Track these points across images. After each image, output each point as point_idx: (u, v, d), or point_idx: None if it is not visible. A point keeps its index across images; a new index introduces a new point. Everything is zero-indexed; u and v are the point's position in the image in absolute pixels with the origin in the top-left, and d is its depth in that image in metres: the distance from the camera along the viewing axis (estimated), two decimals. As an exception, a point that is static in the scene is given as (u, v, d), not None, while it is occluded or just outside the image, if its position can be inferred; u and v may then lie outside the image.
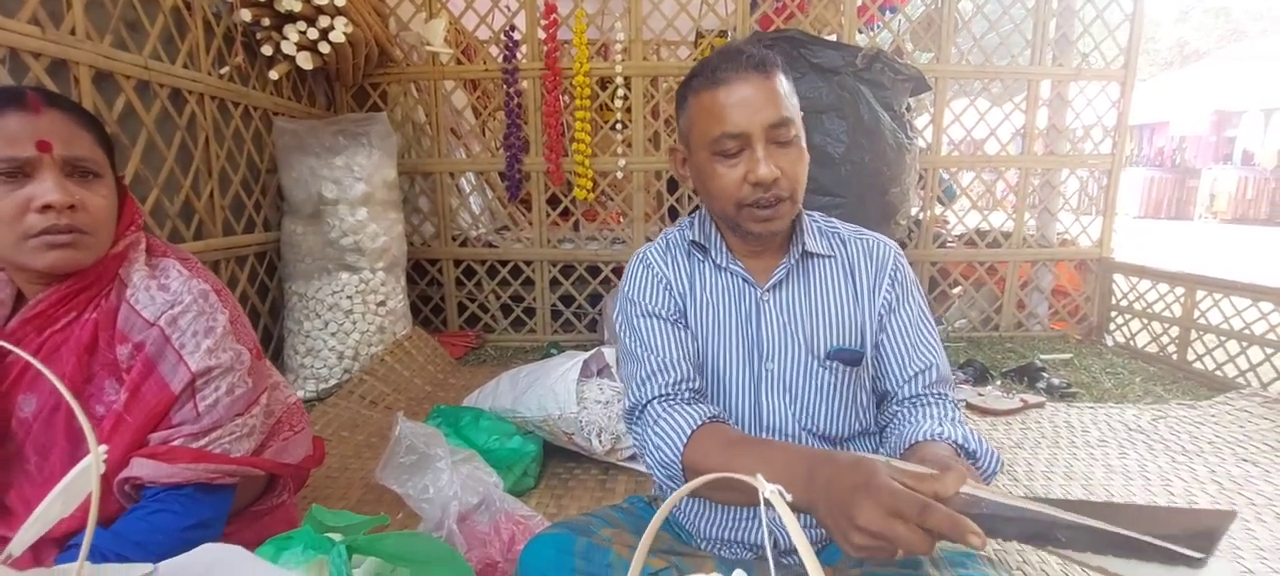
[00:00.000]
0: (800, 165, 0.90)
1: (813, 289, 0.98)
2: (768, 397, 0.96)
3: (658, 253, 1.03)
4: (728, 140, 0.86)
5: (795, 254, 0.97)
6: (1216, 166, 11.86)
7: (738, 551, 1.03)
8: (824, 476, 0.64)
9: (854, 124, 2.39)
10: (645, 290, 0.99)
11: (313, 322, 2.55)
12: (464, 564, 1.07)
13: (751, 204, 0.88)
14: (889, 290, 0.97)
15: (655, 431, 0.87)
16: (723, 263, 0.99)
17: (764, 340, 0.96)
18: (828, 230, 1.03)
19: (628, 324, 0.99)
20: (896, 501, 0.55)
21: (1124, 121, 3.27)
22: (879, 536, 0.56)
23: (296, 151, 2.51)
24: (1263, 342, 2.57)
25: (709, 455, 0.81)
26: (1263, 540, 1.56)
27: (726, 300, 0.98)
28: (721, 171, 0.89)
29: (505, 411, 1.91)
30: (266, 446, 1.19)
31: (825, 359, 0.95)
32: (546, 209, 3.25)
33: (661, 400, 0.89)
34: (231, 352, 1.08)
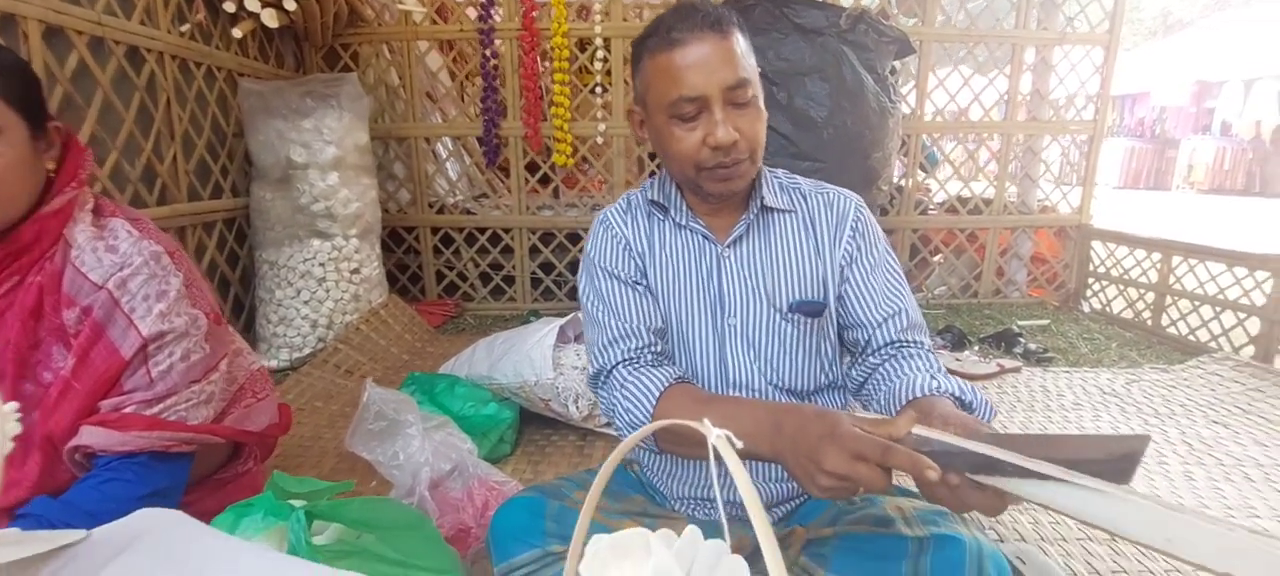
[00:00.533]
0: (759, 125, 0.89)
1: (773, 243, 0.97)
2: (732, 353, 0.95)
3: (618, 213, 1.02)
4: (685, 104, 0.85)
5: (754, 209, 0.96)
6: (1195, 137, 11.96)
7: (711, 510, 1.02)
8: (791, 427, 0.69)
9: (837, 87, 2.35)
10: (605, 251, 0.98)
11: (284, 291, 2.49)
12: (432, 528, 1.06)
13: (711, 167, 0.87)
14: (851, 241, 0.96)
15: (623, 394, 0.86)
16: (683, 221, 0.97)
17: (726, 295, 0.95)
18: (789, 185, 1.01)
19: (590, 285, 0.98)
20: (860, 445, 0.62)
21: (1107, 87, 3.26)
22: (844, 478, 0.62)
23: (263, 114, 2.43)
24: (1235, 307, 2.61)
25: (679, 414, 0.79)
26: (1231, 499, 1.59)
27: (687, 258, 0.97)
28: (679, 135, 0.87)
29: (481, 378, 1.88)
30: (228, 413, 1.15)
31: (787, 311, 0.94)
32: (525, 175, 3.19)
33: (626, 364, 0.89)
34: (186, 317, 1.04)
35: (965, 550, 0.79)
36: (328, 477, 1.68)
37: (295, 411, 2.08)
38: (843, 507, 0.96)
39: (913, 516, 0.87)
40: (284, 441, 1.88)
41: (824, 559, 0.89)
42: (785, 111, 2.37)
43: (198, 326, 1.05)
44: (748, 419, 0.75)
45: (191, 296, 1.07)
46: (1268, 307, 2.48)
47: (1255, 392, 2.23)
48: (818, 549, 0.91)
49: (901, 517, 0.87)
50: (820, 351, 0.98)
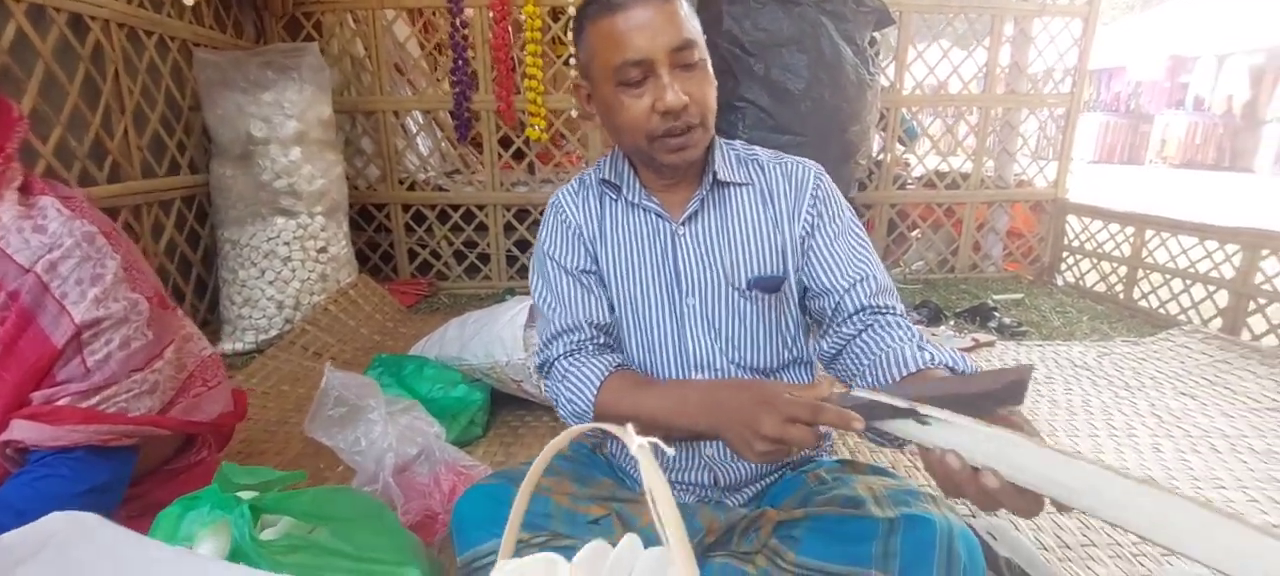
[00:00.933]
0: (708, 88, 0.86)
1: (729, 218, 0.94)
2: (692, 334, 0.93)
3: (569, 195, 0.98)
4: (630, 68, 0.81)
5: (707, 183, 0.92)
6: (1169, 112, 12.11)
7: (679, 492, 1.00)
8: (728, 399, 0.73)
9: (815, 58, 2.30)
10: (555, 239, 0.96)
11: (248, 271, 2.41)
12: (392, 518, 1.02)
13: (662, 135, 0.84)
14: (811, 209, 0.93)
15: (565, 386, 0.88)
16: (635, 199, 0.94)
17: (682, 275, 0.92)
18: (747, 157, 0.98)
19: (540, 275, 0.97)
20: (793, 409, 0.66)
21: (1085, 59, 3.25)
22: (778, 440, 0.67)
23: (221, 87, 2.32)
24: (1205, 280, 2.64)
25: (619, 400, 0.83)
26: (1197, 470, 1.61)
27: (641, 238, 0.94)
28: (627, 103, 0.83)
29: (452, 359, 1.83)
30: (175, 403, 1.10)
31: (746, 288, 0.92)
32: (499, 150, 3.11)
33: (568, 356, 0.90)
34: (124, 302, 0.97)
35: (936, 530, 0.78)
36: (292, 464, 1.63)
37: (260, 395, 2.02)
38: (813, 488, 0.94)
39: (883, 496, 0.86)
40: (248, 426, 1.83)
41: (794, 540, 0.88)
42: (762, 83, 2.32)
43: (138, 311, 0.99)
44: (685, 398, 0.78)
45: (131, 279, 1.01)
46: (1235, 280, 2.51)
47: (1222, 364, 2.26)
48: (788, 530, 0.90)
49: (872, 498, 0.86)
50: (781, 327, 0.96)
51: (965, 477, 0.57)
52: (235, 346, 2.38)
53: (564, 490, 0.96)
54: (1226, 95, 10.97)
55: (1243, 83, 10.73)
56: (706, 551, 0.92)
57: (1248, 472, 1.59)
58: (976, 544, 0.80)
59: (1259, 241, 2.43)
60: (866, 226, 3.36)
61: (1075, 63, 3.27)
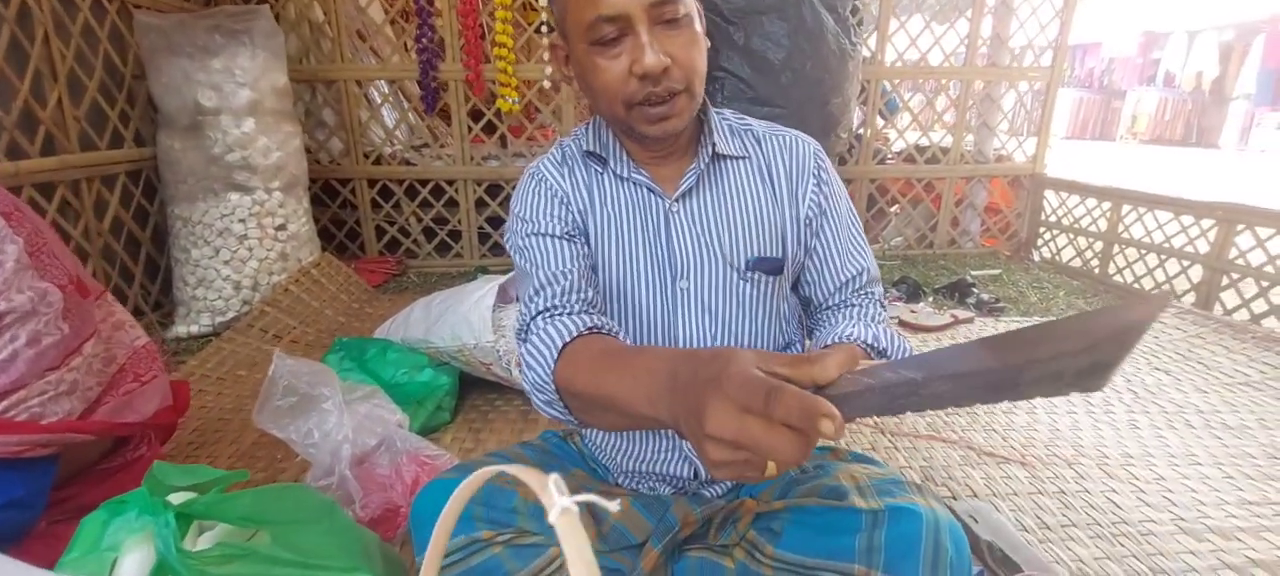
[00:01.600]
0: (695, 50, 0.76)
1: (727, 194, 0.86)
2: (684, 319, 0.86)
3: (552, 165, 0.88)
4: (604, 25, 0.72)
5: (705, 157, 0.85)
6: (1141, 88, 12.27)
7: (656, 484, 0.95)
8: (684, 378, 0.50)
9: (795, 26, 2.22)
10: (537, 207, 0.85)
11: (201, 250, 2.28)
12: (343, 517, 0.95)
13: (641, 102, 0.75)
14: (816, 192, 0.87)
15: (529, 350, 0.73)
16: (624, 172, 0.85)
17: (677, 255, 0.85)
18: (740, 128, 0.91)
19: (517, 244, 0.86)
20: (745, 392, 0.43)
21: (1066, 31, 3.21)
22: (735, 442, 0.43)
23: (165, 52, 2.17)
24: (1180, 255, 2.65)
25: (577, 374, 0.67)
26: (1173, 446, 1.60)
27: (632, 214, 0.86)
28: (602, 65, 0.74)
29: (417, 342, 1.75)
30: (103, 401, 1.01)
31: (745, 270, 0.85)
32: (468, 122, 2.99)
33: (546, 314, 0.76)
34: (30, 293, 0.87)
35: (922, 523, 0.74)
36: (246, 456, 1.55)
37: (215, 382, 1.93)
38: (794, 476, 0.90)
39: (867, 486, 0.82)
40: (201, 415, 1.73)
41: (774, 534, 0.83)
42: (742, 53, 2.24)
43: (48, 303, 0.90)
44: (645, 375, 0.57)
45: (39, 265, 0.91)
46: (1210, 255, 2.52)
47: (1196, 339, 2.27)
48: (768, 523, 0.85)
49: (856, 488, 0.82)
50: (779, 310, 0.90)
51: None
52: (189, 330, 2.26)
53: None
54: (1196, 72, 11.13)
55: (1212, 59, 10.90)
56: (682, 544, 0.87)
57: (1222, 449, 1.59)
58: (964, 536, 0.76)
59: (1235, 216, 2.44)
60: (846, 202, 3.34)
61: (1056, 35, 3.23)
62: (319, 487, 1.17)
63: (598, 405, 0.64)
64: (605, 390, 0.62)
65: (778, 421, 0.41)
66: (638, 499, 0.90)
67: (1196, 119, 11.54)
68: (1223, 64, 10.92)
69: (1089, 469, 1.49)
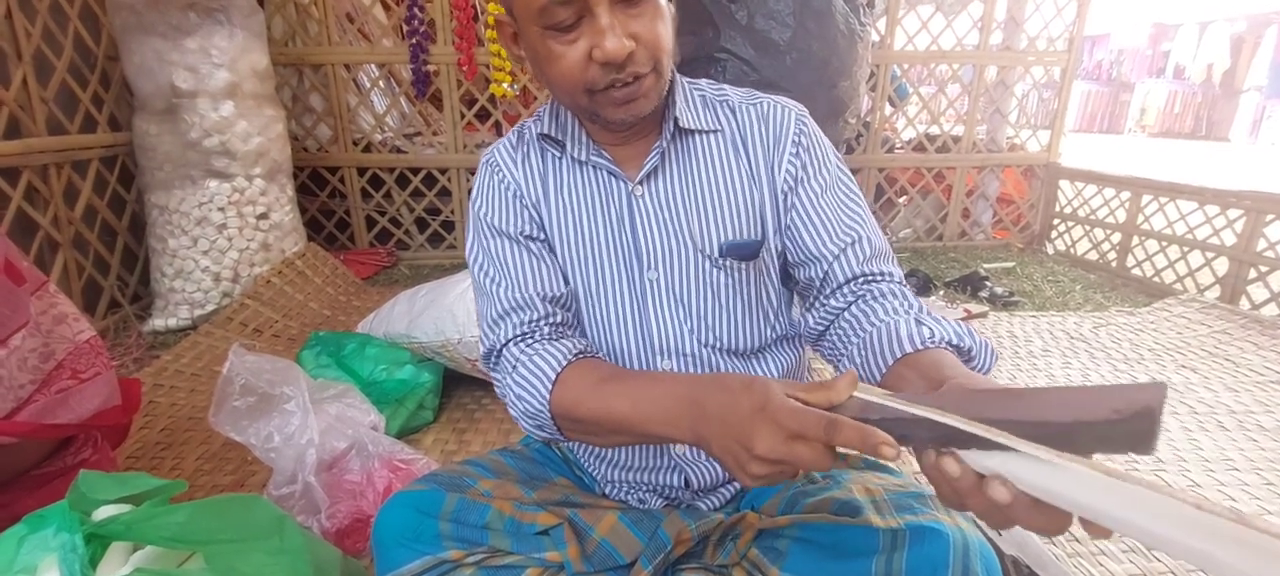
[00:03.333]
0: (659, 25, 0.65)
1: (695, 173, 0.76)
2: (656, 313, 0.77)
3: (506, 150, 0.79)
4: (558, 8, 0.61)
5: (667, 133, 0.74)
6: (1150, 80, 12.09)
7: (646, 496, 0.86)
8: (716, 405, 0.56)
9: (801, 5, 2.10)
10: (492, 202, 0.77)
11: (179, 240, 2.18)
12: (295, 535, 0.84)
13: (605, 88, 0.65)
14: (794, 158, 0.76)
15: (515, 379, 0.70)
16: (583, 155, 0.76)
17: (642, 244, 0.76)
18: (715, 98, 0.80)
19: (477, 244, 0.78)
20: (799, 422, 0.50)
21: (1082, 17, 3.09)
22: (780, 461, 0.51)
23: (138, 31, 2.06)
24: (1204, 247, 2.53)
25: (581, 400, 0.66)
26: (1207, 449, 1.50)
27: (592, 201, 0.76)
28: (558, 51, 0.64)
29: (400, 337, 1.65)
30: (33, 399, 0.90)
31: (718, 257, 0.75)
32: (461, 109, 2.88)
33: (519, 342, 0.72)
34: (-55, 274, 0.77)
35: (949, 545, 0.63)
36: (215, 458, 1.46)
37: (189, 378, 1.83)
38: (800, 487, 0.80)
39: (884, 501, 0.72)
40: (172, 413, 1.64)
41: (778, 553, 0.74)
42: (744, 33, 2.12)
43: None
44: (662, 399, 0.61)
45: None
46: (1237, 247, 2.40)
47: (1222, 335, 2.16)
48: (771, 540, 0.76)
49: (871, 502, 0.72)
50: (762, 299, 0.80)
51: (969, 486, 0.44)
52: (167, 322, 2.17)
53: (508, 494, 0.80)
54: (1207, 64, 10.96)
55: (1223, 51, 10.73)
56: (675, 565, 0.77)
57: (1259, 452, 1.49)
58: (996, 561, 0.65)
59: (1264, 205, 2.32)
60: (853, 191, 3.23)
61: (1073, 20, 3.10)
62: (280, 497, 1.07)
63: (606, 429, 0.66)
64: (614, 415, 0.64)
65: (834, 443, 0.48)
66: (626, 513, 0.81)
67: (1206, 111, 11.37)
68: (1234, 56, 10.74)
69: (1118, 475, 1.39)
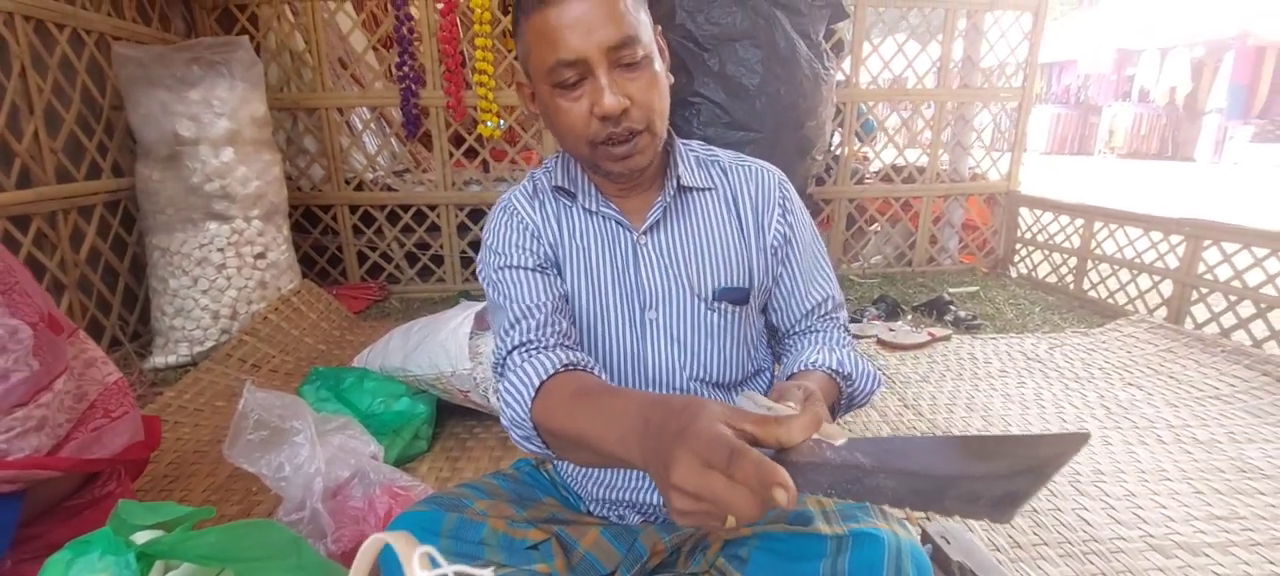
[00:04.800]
0: (654, 91, 0.78)
1: (694, 226, 0.89)
2: (654, 349, 0.88)
3: (523, 198, 0.90)
4: (564, 69, 0.74)
5: (670, 190, 0.87)
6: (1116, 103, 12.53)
7: (626, 512, 0.96)
8: (655, 424, 0.54)
9: (769, 53, 2.26)
10: (509, 240, 0.87)
11: (180, 280, 2.27)
12: (310, 555, 0.94)
13: (603, 141, 0.77)
14: (782, 221, 0.90)
15: (506, 386, 0.75)
16: (593, 206, 0.88)
17: (645, 287, 0.87)
18: (707, 159, 0.93)
19: (490, 277, 0.87)
20: (710, 449, 0.45)
21: (1035, 53, 3.29)
22: (697, 495, 0.45)
23: (143, 84, 2.17)
24: (1150, 270, 2.70)
25: (553, 413, 0.69)
26: (1144, 462, 1.63)
27: (601, 247, 0.88)
28: (565, 106, 0.76)
29: (395, 370, 1.75)
30: (72, 437, 1.00)
31: (712, 300, 0.87)
32: (450, 148, 3.01)
33: (522, 349, 0.78)
34: (1, 329, 0.88)
35: (884, 548, 0.75)
36: (221, 489, 1.54)
37: (192, 413, 1.91)
38: (765, 500, 0.91)
39: (832, 511, 0.84)
40: (177, 447, 1.72)
41: (742, 560, 0.84)
42: (717, 78, 2.28)
43: (18, 340, 0.90)
44: (619, 417, 0.60)
45: (10, 303, 0.91)
46: (1179, 270, 2.57)
47: (1167, 353, 2.31)
48: (735, 549, 0.87)
49: (821, 513, 0.84)
50: (747, 338, 0.92)
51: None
52: (167, 360, 2.25)
53: (501, 513, 0.90)
54: (1169, 87, 11.38)
55: (1184, 75, 11.15)
56: (651, 573, 0.88)
57: (1192, 464, 1.62)
58: (926, 560, 0.77)
59: (1201, 231, 2.49)
60: (825, 222, 3.38)
61: (1026, 57, 3.31)
62: (290, 522, 1.17)
63: (572, 443, 0.67)
64: (579, 428, 0.65)
65: (737, 480, 0.44)
66: (607, 528, 0.91)
67: (1171, 133, 11.78)
68: (1195, 79, 11.18)
69: (1061, 486, 1.51)
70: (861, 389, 0.83)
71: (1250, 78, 10.52)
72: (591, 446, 0.63)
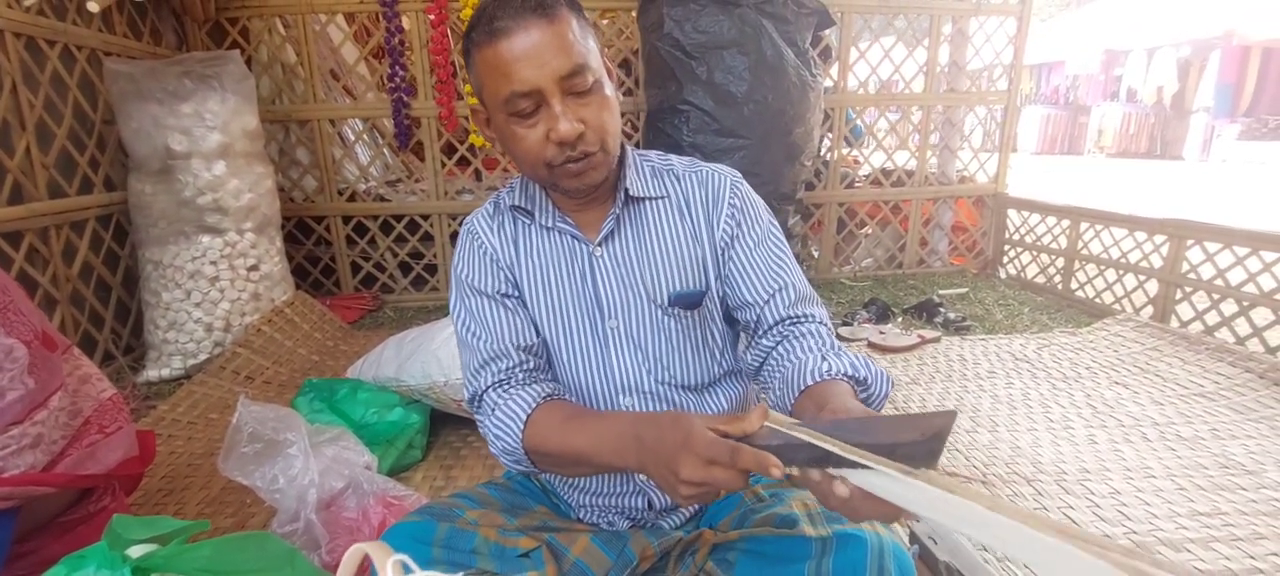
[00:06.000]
0: (606, 114, 0.81)
1: (646, 235, 0.91)
2: (618, 357, 0.90)
3: (484, 219, 0.94)
4: (519, 100, 0.77)
5: (619, 202, 0.89)
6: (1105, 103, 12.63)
7: (614, 518, 0.97)
8: (650, 439, 0.69)
9: (756, 61, 2.29)
10: (472, 265, 0.91)
11: (173, 293, 2.27)
12: (304, 565, 0.95)
13: (561, 163, 0.80)
14: (730, 218, 0.91)
15: (493, 422, 0.83)
16: (550, 222, 0.90)
17: (603, 298, 0.90)
18: (662, 168, 0.95)
19: (460, 303, 0.92)
20: (713, 451, 0.62)
21: (1020, 58, 3.34)
22: (701, 484, 0.63)
23: (135, 98, 2.18)
24: (1136, 270, 2.73)
25: (547, 437, 0.79)
26: (1129, 460, 1.65)
27: (559, 262, 0.91)
28: (521, 133, 0.79)
29: (389, 380, 1.76)
30: (67, 453, 1.01)
31: (668, 305, 0.89)
32: (442, 157, 3.02)
33: (496, 387, 0.85)
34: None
35: (867, 549, 0.76)
36: (215, 501, 1.55)
37: (185, 426, 1.92)
38: (750, 505, 0.93)
39: (817, 514, 0.85)
40: (171, 460, 1.73)
41: (729, 564, 0.86)
42: (705, 87, 2.31)
43: (14, 359, 0.91)
44: (610, 436, 0.74)
45: (5, 322, 0.92)
46: (1164, 270, 2.61)
47: (1153, 352, 2.34)
48: (723, 553, 0.88)
49: (806, 516, 0.85)
50: (707, 341, 0.94)
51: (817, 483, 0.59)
52: (160, 373, 2.25)
53: (492, 522, 0.92)
54: (1156, 87, 11.49)
55: (1171, 74, 11.26)
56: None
57: (1176, 460, 1.64)
58: (909, 560, 0.79)
59: (1184, 231, 2.53)
60: (816, 226, 3.41)
61: (1011, 61, 3.35)
62: (284, 533, 1.18)
63: (568, 461, 0.80)
64: (576, 448, 0.77)
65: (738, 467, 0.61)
66: (597, 534, 0.93)
67: (1159, 132, 11.88)
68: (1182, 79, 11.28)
69: (1047, 486, 1.54)
70: (877, 393, 0.82)
71: (1236, 77, 10.63)
72: (588, 461, 0.77)
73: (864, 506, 0.56)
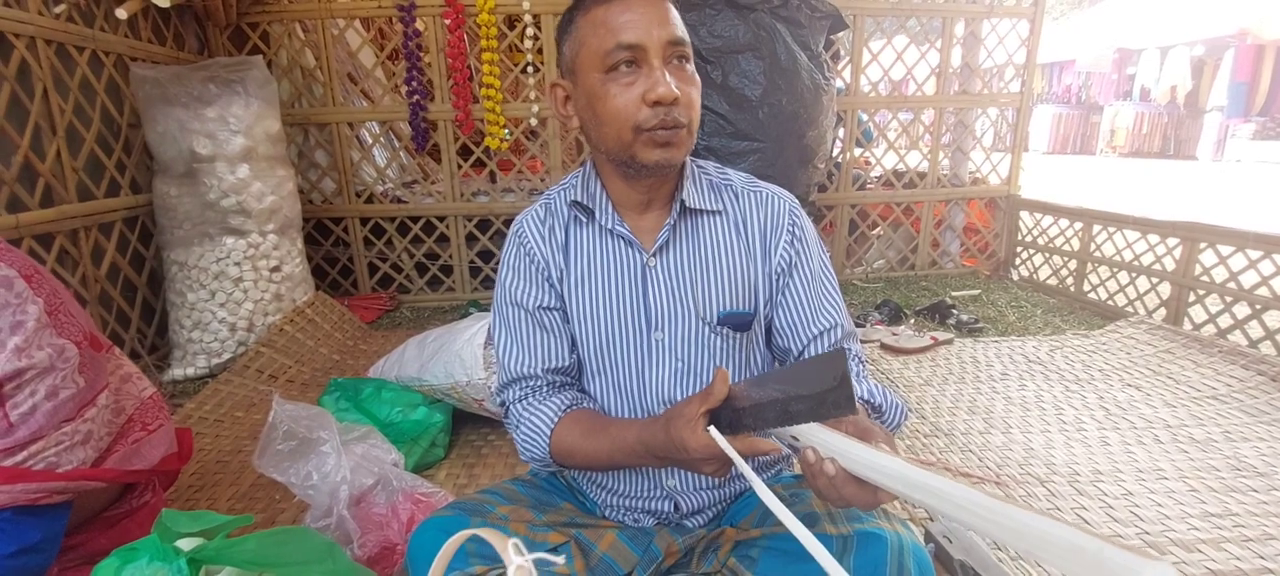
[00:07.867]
0: (696, 92, 0.84)
1: (701, 249, 0.91)
2: (658, 368, 0.91)
3: (535, 223, 0.93)
4: (622, 51, 0.78)
5: (675, 212, 0.89)
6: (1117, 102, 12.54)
7: (642, 518, 0.99)
8: (660, 437, 0.75)
9: (770, 64, 2.32)
10: (517, 274, 0.93)
11: (197, 294, 2.32)
12: (343, 558, 0.99)
13: (650, 128, 0.79)
14: (789, 248, 0.91)
15: (522, 433, 0.90)
16: (609, 224, 0.90)
17: (652, 308, 0.90)
18: (720, 183, 0.95)
19: (500, 307, 0.95)
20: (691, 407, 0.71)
21: (1032, 59, 3.34)
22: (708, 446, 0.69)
23: (161, 103, 2.23)
24: (1149, 272, 2.74)
25: (572, 450, 0.86)
26: (1141, 461, 1.67)
27: (610, 267, 0.91)
28: (615, 92, 0.79)
29: (411, 380, 1.80)
30: (113, 451, 1.05)
31: (716, 324, 0.90)
32: (458, 160, 3.06)
33: (521, 401, 0.91)
34: (50, 349, 0.93)
35: (887, 547, 0.78)
36: (246, 497, 1.59)
37: (212, 424, 1.96)
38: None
39: (838, 512, 0.86)
40: (200, 456, 1.77)
41: (751, 560, 0.88)
42: (721, 90, 2.33)
43: (66, 359, 0.95)
44: (625, 446, 0.81)
45: (57, 324, 0.96)
46: (1176, 272, 2.61)
47: (1166, 354, 2.35)
48: (746, 550, 0.90)
49: (827, 514, 0.86)
50: (749, 363, 0.94)
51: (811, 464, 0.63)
52: (186, 372, 2.30)
53: (521, 518, 0.94)
54: (1170, 86, 11.39)
55: (1184, 73, 11.16)
56: (666, 574, 0.92)
57: (1188, 463, 1.66)
58: (928, 559, 0.81)
59: (1196, 233, 2.53)
60: (828, 228, 3.43)
61: (1023, 62, 3.36)
62: (318, 528, 1.22)
63: (594, 465, 0.88)
64: (600, 457, 0.84)
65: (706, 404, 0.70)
66: (623, 531, 0.95)
67: (1172, 131, 11.78)
68: (1195, 78, 11.18)
69: (1061, 486, 1.55)
70: (891, 421, 0.87)
71: (1250, 76, 10.52)
72: (611, 464, 0.86)
73: (847, 488, 0.62)
